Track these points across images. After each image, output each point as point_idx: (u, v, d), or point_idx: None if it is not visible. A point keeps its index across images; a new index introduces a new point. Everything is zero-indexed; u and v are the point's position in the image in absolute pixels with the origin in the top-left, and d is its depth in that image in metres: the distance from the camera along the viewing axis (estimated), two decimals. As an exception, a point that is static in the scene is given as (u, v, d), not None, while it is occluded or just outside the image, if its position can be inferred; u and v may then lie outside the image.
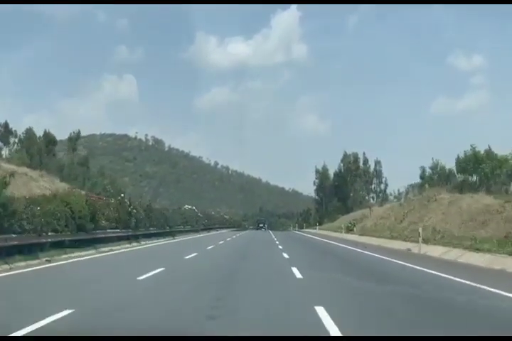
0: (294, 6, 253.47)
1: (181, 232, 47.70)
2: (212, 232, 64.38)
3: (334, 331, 6.72)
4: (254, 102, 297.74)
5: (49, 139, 68.85)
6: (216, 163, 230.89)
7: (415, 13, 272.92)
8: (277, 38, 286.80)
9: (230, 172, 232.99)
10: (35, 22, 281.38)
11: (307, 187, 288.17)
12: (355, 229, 40.80)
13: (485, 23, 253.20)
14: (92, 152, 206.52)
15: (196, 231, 57.15)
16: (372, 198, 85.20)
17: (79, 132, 65.09)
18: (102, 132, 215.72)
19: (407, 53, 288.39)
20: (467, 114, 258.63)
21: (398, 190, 61.15)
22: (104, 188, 65.35)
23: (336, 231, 50.73)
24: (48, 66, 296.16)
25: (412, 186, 62.00)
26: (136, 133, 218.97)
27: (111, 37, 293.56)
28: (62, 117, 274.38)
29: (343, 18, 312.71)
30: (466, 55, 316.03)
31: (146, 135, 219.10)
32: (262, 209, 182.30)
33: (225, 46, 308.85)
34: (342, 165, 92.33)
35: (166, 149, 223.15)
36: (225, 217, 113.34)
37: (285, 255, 22.12)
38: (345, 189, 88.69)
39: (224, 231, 76.15)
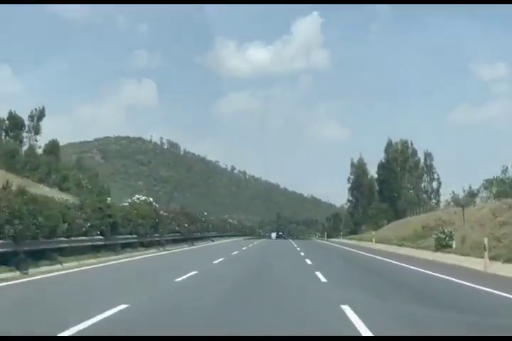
0: (315, 13, 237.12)
1: (97, 248, 20.86)
2: (202, 244, 41.09)
3: None
4: (273, 108, 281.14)
5: (15, 122, 51.91)
6: (233, 168, 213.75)
7: (436, 21, 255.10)
8: (298, 44, 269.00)
9: (247, 177, 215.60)
10: (56, 26, 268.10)
11: (326, 194, 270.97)
12: (453, 244, 22.12)
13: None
14: (106, 155, 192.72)
15: (152, 244, 29.10)
16: (423, 199, 63.42)
17: (43, 109, 47.18)
18: (116, 134, 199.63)
19: (427, 61, 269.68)
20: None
21: (470, 188, 41.70)
22: (79, 183, 47.04)
23: (400, 245, 31.60)
24: (68, 70, 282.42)
25: (491, 181, 43.25)
26: (151, 136, 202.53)
27: (131, 41, 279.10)
28: (81, 121, 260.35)
29: (364, 25, 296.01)
30: (489, 63, 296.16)
31: (161, 138, 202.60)
32: (280, 215, 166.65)
33: (245, 52, 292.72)
34: (386, 156, 68.84)
35: (182, 153, 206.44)
36: (230, 221, 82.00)
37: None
38: (395, 185, 64.63)
39: (226, 241, 54.32)
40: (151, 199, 33.78)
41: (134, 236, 26.48)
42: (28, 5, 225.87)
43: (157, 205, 33.82)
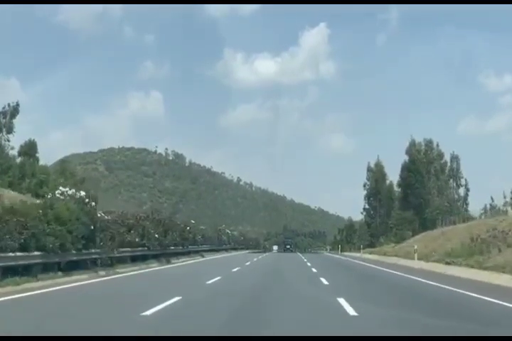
0: (323, 24, 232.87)
1: None
2: (182, 262, 31.94)
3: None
4: (280, 119, 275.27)
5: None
6: (239, 179, 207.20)
7: (444, 32, 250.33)
8: (305, 55, 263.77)
9: (253, 189, 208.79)
10: (63, 38, 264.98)
11: (334, 206, 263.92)
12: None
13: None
14: (110, 166, 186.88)
15: (84, 265, 18.98)
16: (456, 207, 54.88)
17: (17, 104, 40.63)
18: (121, 146, 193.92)
19: (435, 72, 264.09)
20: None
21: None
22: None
23: (449, 263, 23.85)
24: (75, 82, 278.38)
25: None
26: (156, 147, 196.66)
27: (138, 53, 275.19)
28: (86, 132, 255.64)
29: (371, 36, 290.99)
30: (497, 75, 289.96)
31: (166, 149, 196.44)
32: (287, 227, 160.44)
33: (253, 63, 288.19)
34: (409, 157, 59.93)
35: (187, 164, 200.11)
36: (228, 232, 68.96)
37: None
38: (421, 190, 55.41)
39: (219, 257, 44.52)
40: (83, 193, 20.50)
41: (37, 254, 15.60)
42: (32, 13, 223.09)
43: (94, 203, 20.71)
